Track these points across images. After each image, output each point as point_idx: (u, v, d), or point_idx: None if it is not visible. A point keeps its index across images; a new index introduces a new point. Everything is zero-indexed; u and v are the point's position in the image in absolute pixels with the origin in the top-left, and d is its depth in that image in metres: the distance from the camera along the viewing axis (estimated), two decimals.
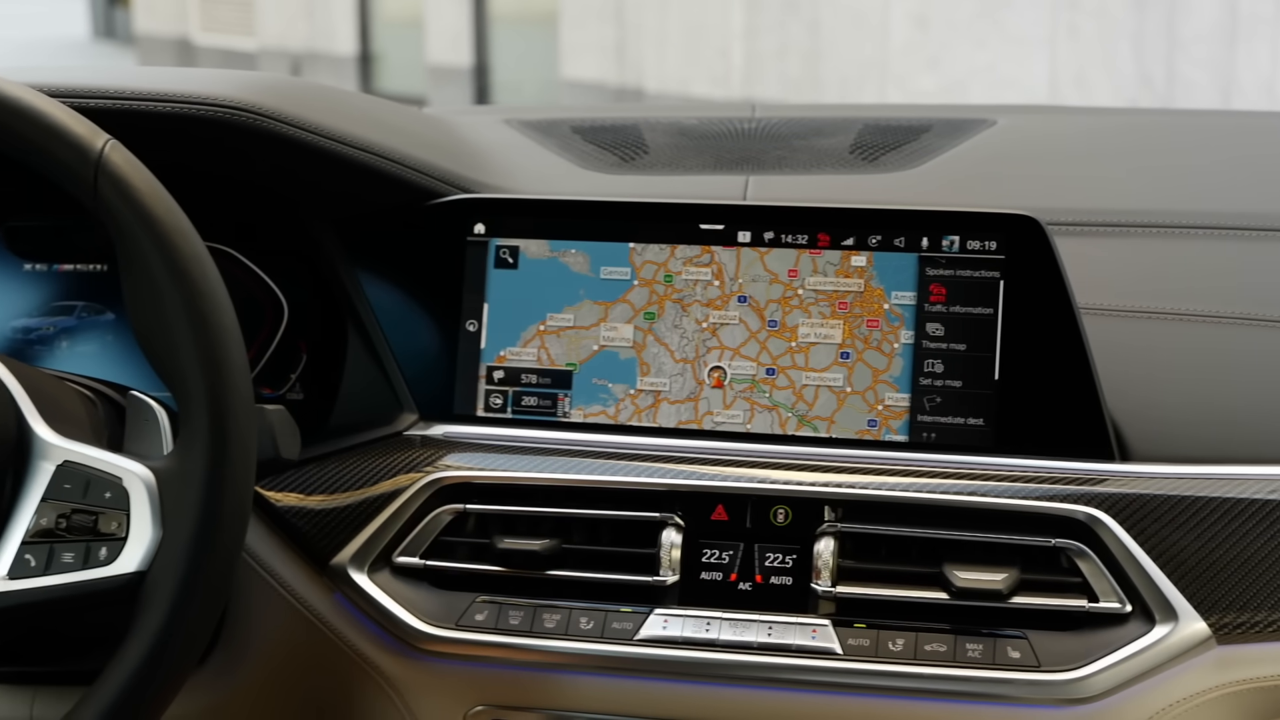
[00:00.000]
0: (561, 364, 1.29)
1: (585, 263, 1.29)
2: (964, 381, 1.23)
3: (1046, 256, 1.22)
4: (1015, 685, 1.13)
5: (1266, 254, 1.37)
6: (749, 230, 1.27)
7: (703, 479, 1.21)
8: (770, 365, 1.26)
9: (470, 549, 1.23)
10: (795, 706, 1.17)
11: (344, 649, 1.24)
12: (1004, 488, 1.18)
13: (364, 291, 1.32)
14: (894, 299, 1.24)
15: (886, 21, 7.37)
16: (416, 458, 1.25)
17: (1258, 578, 1.14)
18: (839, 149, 1.58)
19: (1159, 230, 1.40)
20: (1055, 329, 1.21)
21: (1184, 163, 1.57)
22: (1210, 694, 1.15)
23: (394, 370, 1.31)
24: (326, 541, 1.24)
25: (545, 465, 1.24)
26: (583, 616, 1.19)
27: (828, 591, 1.17)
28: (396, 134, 1.33)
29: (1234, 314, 1.29)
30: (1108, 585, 1.15)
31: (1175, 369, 1.26)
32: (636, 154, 1.57)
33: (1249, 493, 1.16)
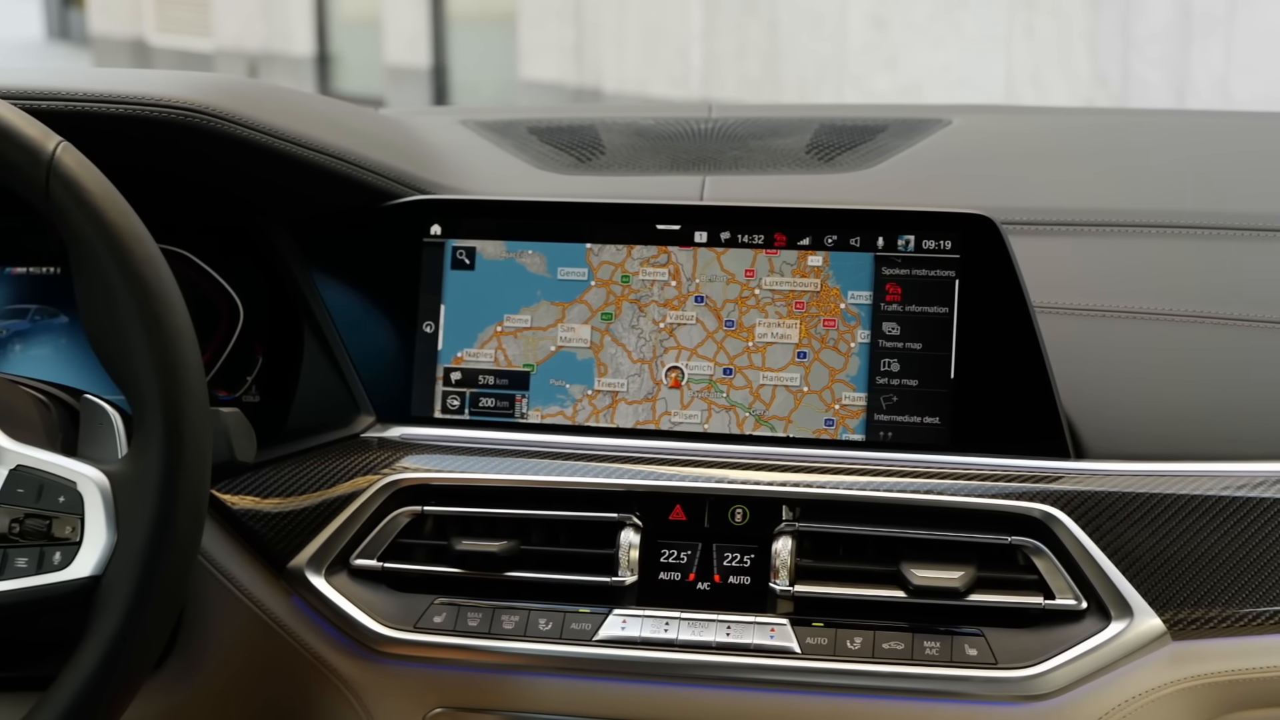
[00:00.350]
0: (519, 365, 1.29)
1: (542, 263, 1.29)
2: (920, 380, 1.23)
3: (1001, 255, 1.22)
4: (972, 683, 1.14)
5: (1218, 252, 1.38)
6: (705, 230, 1.27)
7: (660, 479, 1.22)
8: (727, 365, 1.26)
9: (428, 551, 1.23)
10: (754, 706, 1.18)
11: (302, 652, 1.23)
12: (960, 486, 1.19)
13: (320, 293, 1.31)
14: (850, 298, 1.25)
15: (844, 22, 7.39)
16: (374, 460, 1.25)
17: (1211, 574, 1.15)
18: (795, 149, 1.58)
19: (1113, 229, 1.41)
20: (1010, 328, 1.22)
21: (1138, 162, 1.58)
22: (1165, 689, 1.16)
23: (350, 372, 1.30)
24: (283, 544, 1.23)
25: (503, 466, 1.24)
26: (541, 618, 1.19)
27: (786, 591, 1.18)
28: (352, 135, 1.32)
29: (1187, 312, 1.30)
30: (1064, 582, 1.15)
31: (1130, 367, 1.27)
32: (593, 154, 1.56)
33: (1203, 489, 1.17)
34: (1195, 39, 5.74)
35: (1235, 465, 1.20)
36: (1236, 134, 1.68)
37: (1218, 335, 1.29)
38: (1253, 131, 1.70)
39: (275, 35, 12.62)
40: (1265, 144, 1.64)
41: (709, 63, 8.36)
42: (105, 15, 15.60)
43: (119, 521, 1.01)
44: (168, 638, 1.04)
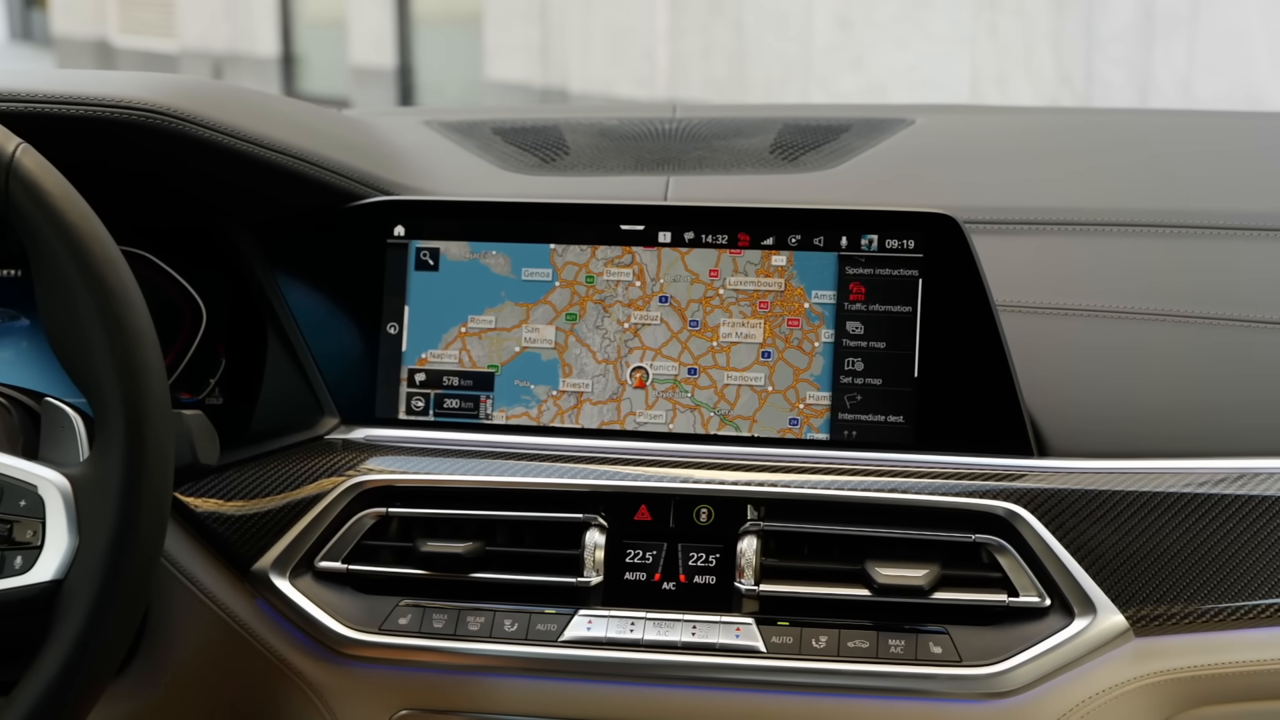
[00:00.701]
0: (483, 366, 1.28)
1: (506, 264, 1.29)
2: (884, 379, 1.24)
3: (964, 255, 1.22)
4: (937, 680, 1.14)
5: (1180, 250, 1.39)
6: (670, 230, 1.27)
7: (625, 479, 1.22)
8: (692, 365, 1.26)
9: (393, 553, 1.23)
10: (720, 705, 1.18)
11: (267, 655, 1.23)
12: (924, 484, 1.19)
13: (283, 295, 1.31)
14: (814, 298, 1.25)
15: (810, 22, 7.40)
16: (338, 461, 1.25)
17: (1173, 570, 1.15)
18: (759, 149, 1.59)
19: (1076, 228, 1.41)
20: (973, 326, 1.22)
21: (1101, 161, 1.58)
22: (1128, 685, 1.16)
23: (314, 374, 1.30)
24: (248, 547, 1.23)
25: (468, 467, 1.24)
26: (507, 619, 1.19)
27: (751, 590, 1.18)
28: (315, 136, 1.32)
29: (1149, 310, 1.31)
30: (1027, 580, 1.16)
31: (1092, 365, 1.27)
32: (557, 155, 1.56)
33: (1165, 486, 1.18)
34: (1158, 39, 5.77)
35: (1196, 462, 1.20)
36: (1198, 133, 1.69)
37: (1179, 333, 1.29)
38: (1214, 131, 1.71)
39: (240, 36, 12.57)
40: (1227, 143, 1.65)
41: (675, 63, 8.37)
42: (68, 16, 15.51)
43: (80, 525, 1.01)
44: (131, 642, 1.04)
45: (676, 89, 8.31)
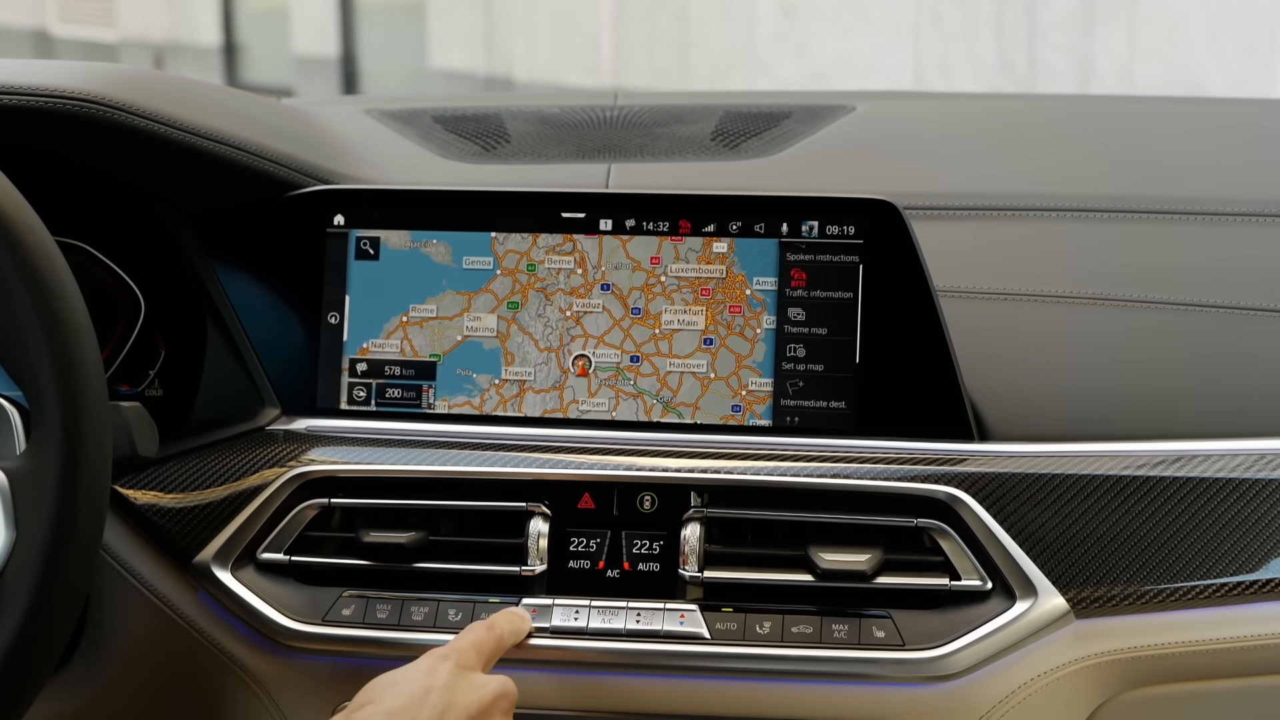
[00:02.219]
0: (425, 355, 1.28)
1: (447, 253, 1.29)
2: (825, 365, 1.24)
3: (904, 241, 1.23)
4: (880, 664, 1.15)
5: (1119, 235, 1.40)
6: (611, 218, 1.27)
7: (569, 468, 1.21)
8: (634, 352, 1.26)
9: (336, 544, 1.22)
10: (665, 691, 1.18)
11: (209, 648, 1.22)
12: (866, 469, 1.20)
13: (222, 285, 1.30)
14: (756, 284, 1.25)
15: (754, 10, 7.40)
16: (279, 452, 1.24)
17: (1113, 552, 1.16)
18: (700, 136, 1.58)
19: (1016, 214, 1.42)
20: (914, 312, 1.23)
21: (1040, 147, 1.59)
22: (1069, 667, 1.17)
23: (255, 365, 1.29)
24: (189, 539, 1.22)
25: (410, 457, 1.23)
26: (451, 608, 1.19)
27: (695, 577, 1.18)
28: (253, 125, 1.31)
29: (1088, 295, 1.32)
30: (969, 563, 1.17)
31: (1031, 349, 1.28)
32: (498, 143, 1.56)
33: (1103, 469, 1.19)
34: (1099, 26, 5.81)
35: (1135, 445, 1.21)
36: (1137, 119, 1.70)
37: (1118, 317, 1.30)
38: (1153, 116, 1.72)
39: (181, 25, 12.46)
40: (1165, 128, 1.66)
41: (620, 51, 8.36)
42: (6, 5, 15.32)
43: (17, 519, 1.00)
44: (70, 636, 1.02)
45: (621, 77, 8.30)
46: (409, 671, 1.06)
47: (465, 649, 1.10)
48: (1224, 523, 1.17)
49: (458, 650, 1.09)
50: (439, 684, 1.05)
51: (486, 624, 1.13)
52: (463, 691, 1.05)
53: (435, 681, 1.05)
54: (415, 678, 1.05)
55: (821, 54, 7.05)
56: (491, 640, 1.12)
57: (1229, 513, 1.17)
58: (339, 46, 10.66)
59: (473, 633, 1.12)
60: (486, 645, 1.11)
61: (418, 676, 1.05)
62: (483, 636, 1.12)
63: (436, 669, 1.06)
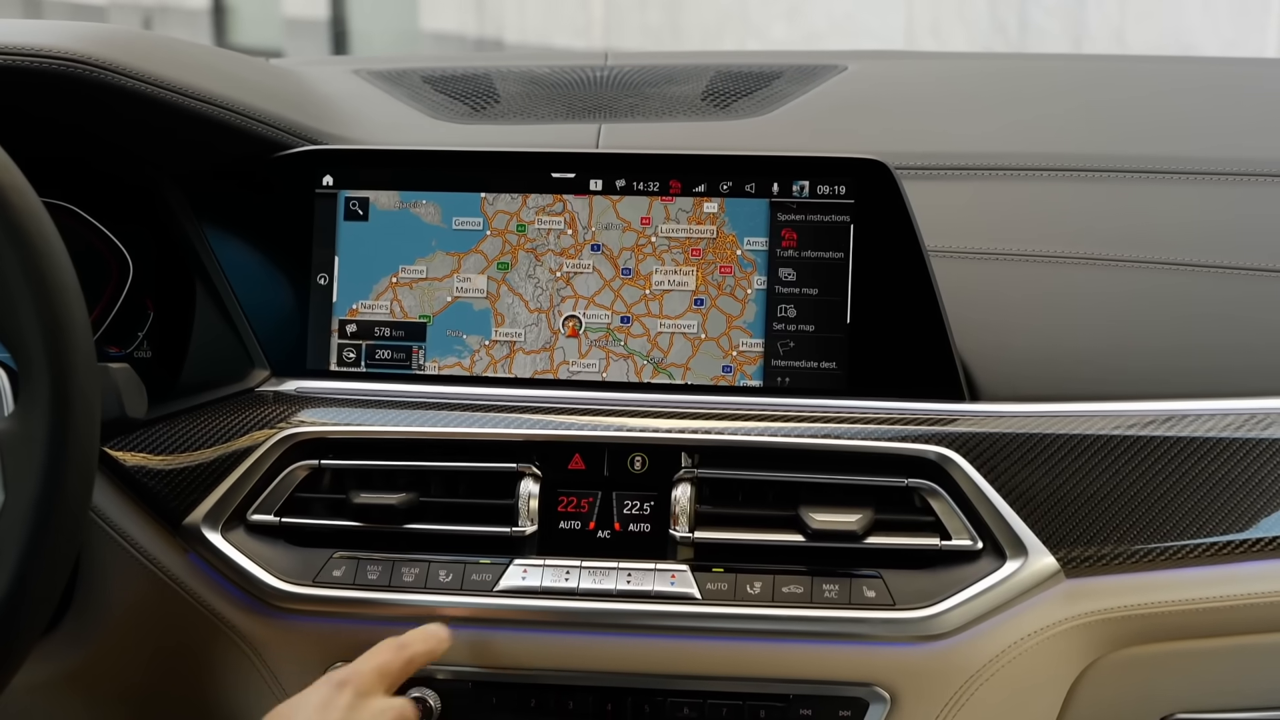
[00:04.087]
0: (415, 316, 1.28)
1: (436, 213, 1.28)
2: (816, 326, 1.24)
3: (895, 201, 1.23)
4: (870, 624, 1.15)
5: (1111, 195, 1.40)
6: (601, 178, 1.27)
7: (559, 428, 1.21)
8: (625, 313, 1.26)
9: (326, 505, 1.22)
10: (655, 652, 1.18)
11: (200, 610, 1.22)
12: (857, 430, 1.20)
13: (211, 246, 1.30)
14: (746, 245, 1.25)
15: None
16: (269, 414, 1.24)
17: (1103, 512, 1.17)
18: (691, 96, 1.58)
19: (1007, 174, 1.42)
20: (905, 272, 1.22)
21: (1032, 107, 1.58)
22: (1059, 626, 1.18)
23: (244, 326, 1.29)
24: (179, 501, 1.22)
25: (400, 418, 1.23)
26: (441, 569, 1.19)
27: (685, 537, 1.18)
28: (241, 86, 1.30)
29: (1079, 254, 1.32)
30: (959, 523, 1.17)
31: (1023, 310, 1.28)
32: (488, 103, 1.55)
33: (1094, 429, 1.19)
34: None
35: (1126, 405, 1.21)
36: (1129, 78, 1.69)
37: (1109, 277, 1.30)
38: (1145, 76, 1.71)
39: None
40: (1157, 88, 1.65)
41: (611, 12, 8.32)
42: None
43: (6, 481, 0.99)
44: (59, 598, 1.02)
45: (612, 39, 8.26)
46: (304, 702, 1.06)
47: (366, 673, 1.09)
48: (1214, 482, 1.17)
49: (358, 675, 1.09)
50: (335, 717, 1.05)
51: (398, 643, 1.12)
52: None
53: (331, 715, 1.05)
54: (311, 712, 1.05)
55: (813, 15, 7.03)
56: (400, 661, 1.11)
57: (1219, 472, 1.17)
58: (328, 8, 10.60)
59: (379, 654, 1.11)
60: (393, 667, 1.11)
61: (314, 711, 1.05)
62: (389, 658, 1.11)
63: (333, 699, 1.06)
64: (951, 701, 1.18)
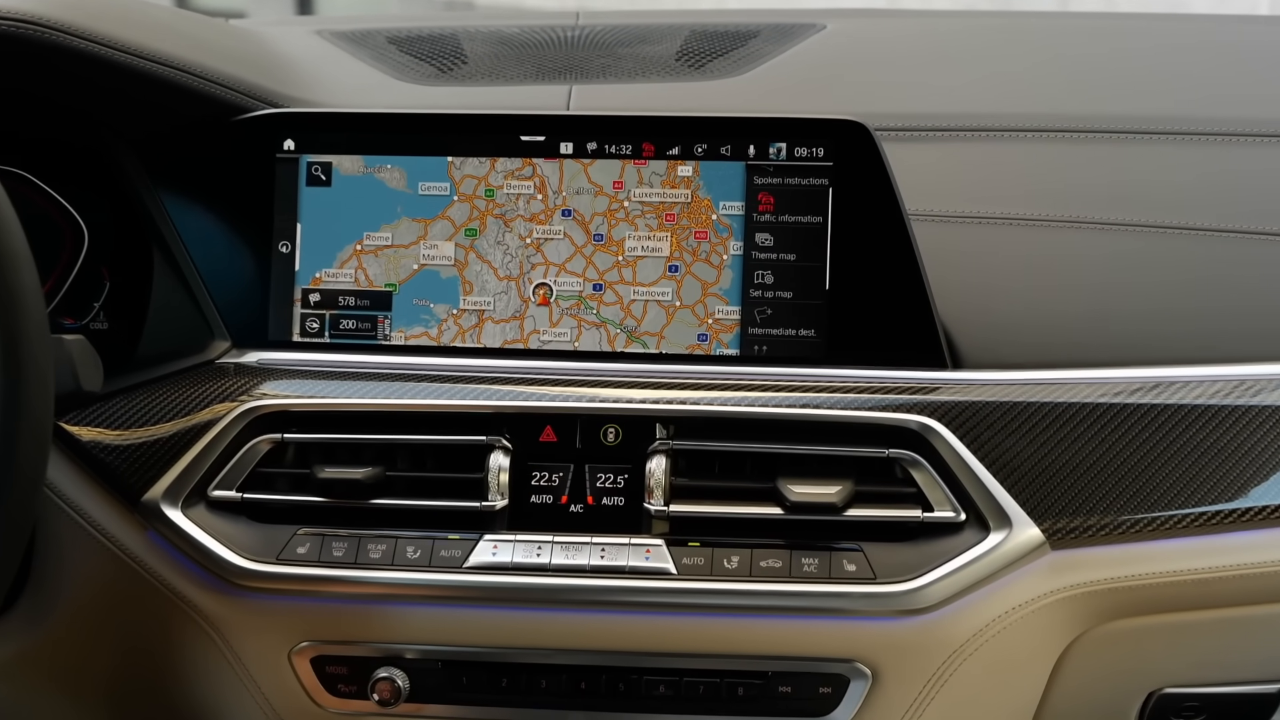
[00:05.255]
0: (380, 284, 1.27)
1: (402, 178, 1.28)
2: (794, 292, 1.24)
3: (875, 163, 1.22)
4: (851, 598, 1.15)
5: (1096, 156, 1.40)
6: (571, 141, 1.26)
7: (530, 399, 1.21)
8: (597, 280, 1.25)
9: (290, 480, 1.22)
10: (631, 628, 1.18)
11: (160, 589, 1.22)
12: (837, 399, 1.20)
13: (169, 214, 1.29)
14: (722, 209, 1.25)
15: None
16: (230, 386, 1.24)
17: (1089, 483, 1.17)
18: (665, 56, 1.57)
19: (989, 134, 1.42)
20: (885, 237, 1.22)
21: (1015, 66, 1.58)
22: (1045, 599, 1.18)
23: (204, 296, 1.28)
24: (137, 477, 1.21)
25: (366, 390, 1.23)
26: (409, 545, 1.19)
27: (661, 511, 1.18)
28: (198, 46, 1.29)
29: (1064, 217, 1.32)
30: (942, 494, 1.17)
31: (1006, 275, 1.28)
32: (455, 64, 1.54)
33: (1080, 397, 1.19)
34: None
35: (1112, 372, 1.22)
36: (1117, 36, 1.68)
37: (1094, 240, 1.30)
38: (1130, 33, 1.71)
39: None
40: (1146, 44, 1.65)
41: None
42: None
43: None
44: (15, 576, 1.02)
45: None
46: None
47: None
48: (1202, 450, 1.17)
49: None
50: None
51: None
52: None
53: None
54: None
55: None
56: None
57: (1208, 440, 1.18)
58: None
59: None
60: None
61: None
62: None
63: None
64: (935, 677, 1.18)
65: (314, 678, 1.22)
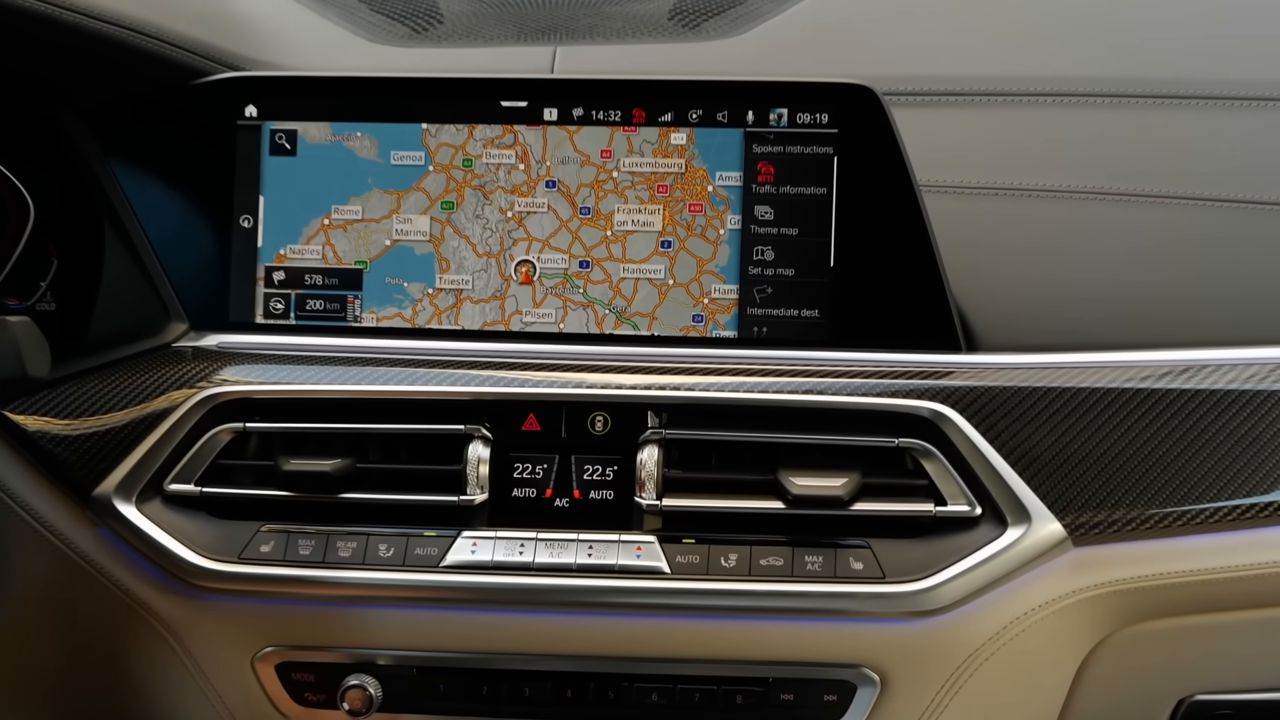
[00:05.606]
0: (350, 262, 1.26)
1: (373, 147, 1.26)
2: (797, 270, 1.22)
3: (883, 130, 1.21)
4: (858, 599, 1.14)
5: (1122, 122, 1.36)
6: (556, 107, 1.25)
7: (512, 385, 1.20)
8: (584, 257, 1.24)
9: (253, 473, 1.21)
10: (620, 632, 1.17)
11: (114, 590, 1.21)
12: (843, 384, 1.18)
13: (121, 186, 1.27)
14: (718, 180, 1.23)
15: None
16: (188, 372, 1.22)
17: (1115, 473, 1.15)
18: (656, 15, 1.55)
19: (1006, 99, 1.39)
20: (894, 209, 1.21)
21: (1035, 25, 1.54)
22: (1066, 600, 1.17)
23: (159, 275, 1.27)
24: (87, 470, 1.20)
25: (335, 376, 1.21)
26: (381, 543, 1.17)
27: (653, 505, 1.17)
28: (152, 5, 1.26)
29: (1087, 188, 1.29)
30: (956, 487, 1.16)
31: (1025, 250, 1.26)
32: (430, 24, 1.52)
33: (1105, 382, 1.17)
34: None
35: (1139, 355, 1.20)
36: None
37: (1120, 213, 1.28)
38: None
39: None
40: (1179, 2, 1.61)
41: None
42: None
43: None
44: None
45: None
46: None
47: None
48: (1238, 439, 1.16)
49: None
50: None
51: None
52: None
53: None
54: None
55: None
56: None
57: (1243, 428, 1.16)
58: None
59: None
60: None
61: None
62: None
63: None
64: (948, 684, 1.17)
65: (279, 686, 1.20)
